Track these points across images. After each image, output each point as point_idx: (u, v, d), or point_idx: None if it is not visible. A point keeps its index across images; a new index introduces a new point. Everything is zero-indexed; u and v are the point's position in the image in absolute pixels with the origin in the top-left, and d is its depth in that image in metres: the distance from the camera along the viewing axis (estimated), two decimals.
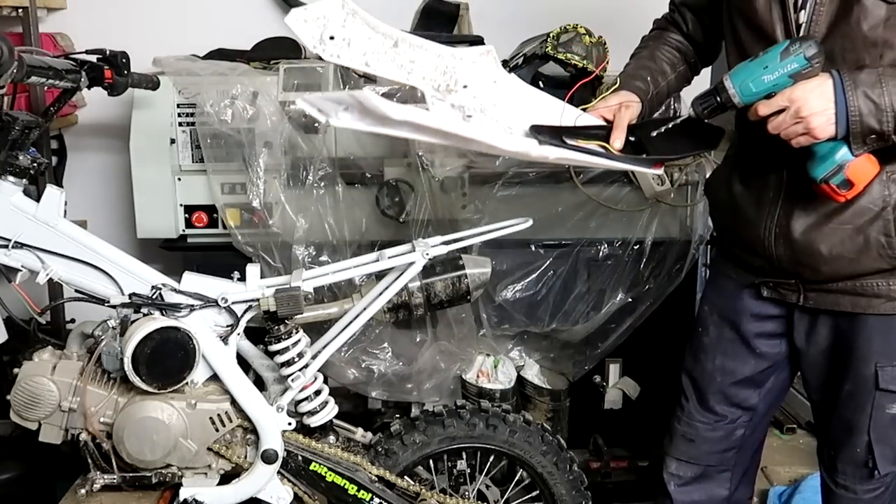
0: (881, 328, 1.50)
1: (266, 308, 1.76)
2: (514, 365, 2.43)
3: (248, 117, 2.18)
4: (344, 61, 1.38)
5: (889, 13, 1.31)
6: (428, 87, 1.44)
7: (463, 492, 2.02)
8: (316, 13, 1.34)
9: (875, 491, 1.61)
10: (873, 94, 1.28)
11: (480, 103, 1.48)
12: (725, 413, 1.74)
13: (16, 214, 1.68)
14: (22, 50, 1.55)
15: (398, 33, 1.40)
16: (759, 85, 1.34)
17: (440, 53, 1.43)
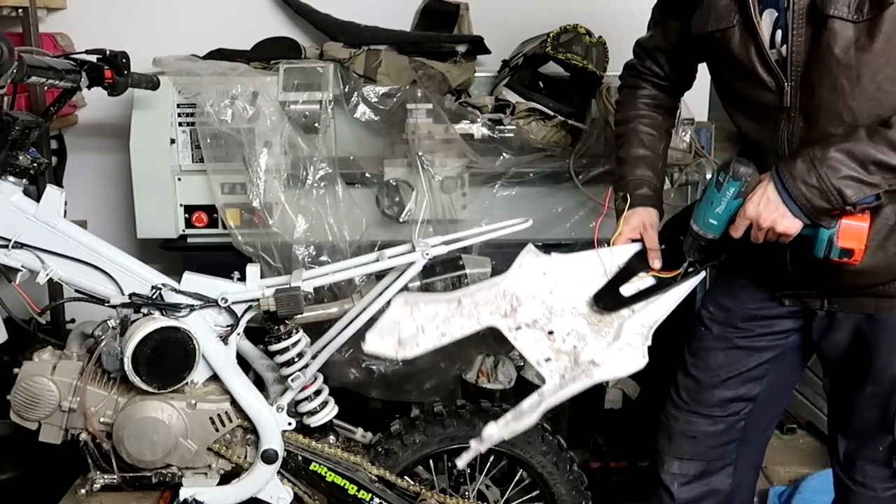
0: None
1: (266, 308, 1.76)
2: (514, 365, 2.43)
3: (248, 117, 2.19)
4: (424, 347, 1.53)
5: (857, 33, 1.32)
6: (499, 320, 1.55)
7: (463, 492, 2.02)
8: (387, 325, 1.51)
9: (894, 489, 1.61)
10: (811, 181, 1.34)
11: (543, 302, 1.57)
12: (727, 407, 1.73)
13: (16, 214, 1.68)
14: (22, 50, 1.56)
15: (456, 293, 1.56)
16: (717, 217, 1.46)
17: (494, 283, 1.57)
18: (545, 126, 2.36)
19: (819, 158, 1.34)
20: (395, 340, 1.52)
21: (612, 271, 1.61)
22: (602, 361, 1.54)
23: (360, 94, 2.30)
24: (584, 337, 1.58)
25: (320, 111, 2.22)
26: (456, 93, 2.44)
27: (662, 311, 1.58)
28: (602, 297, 1.58)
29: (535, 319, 1.57)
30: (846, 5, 1.31)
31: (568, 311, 1.58)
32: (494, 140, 2.29)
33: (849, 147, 1.33)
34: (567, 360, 1.57)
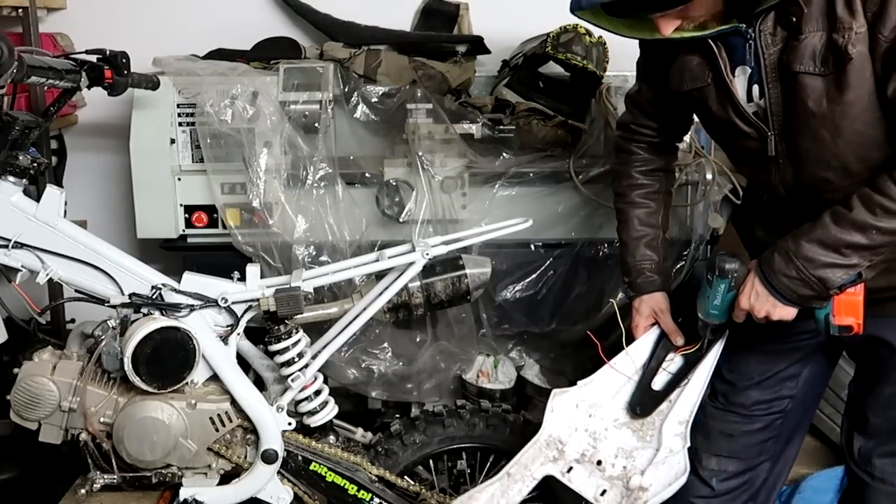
0: None
1: (266, 308, 1.76)
2: (514, 365, 2.43)
3: (248, 117, 2.18)
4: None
5: (826, 86, 1.34)
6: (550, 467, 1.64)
7: (463, 492, 2.01)
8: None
9: None
10: (792, 273, 1.40)
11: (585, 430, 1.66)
12: (762, 408, 1.73)
13: (16, 214, 1.68)
14: (22, 50, 1.56)
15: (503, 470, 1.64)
16: (717, 308, 1.56)
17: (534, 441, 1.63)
18: (545, 126, 2.36)
19: (794, 251, 1.40)
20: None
21: (638, 371, 1.69)
22: (649, 484, 1.62)
23: (360, 94, 2.30)
24: (631, 452, 1.65)
25: (320, 111, 2.22)
26: (456, 93, 2.44)
27: (695, 395, 1.65)
28: (637, 402, 1.67)
29: (582, 453, 1.65)
30: (812, 60, 1.34)
31: (611, 428, 1.65)
32: (494, 140, 2.29)
33: (818, 236, 1.38)
34: (621, 485, 1.64)
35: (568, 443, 1.64)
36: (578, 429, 1.65)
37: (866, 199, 1.33)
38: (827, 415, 2.69)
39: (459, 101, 2.39)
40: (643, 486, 1.62)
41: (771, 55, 1.39)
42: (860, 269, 1.38)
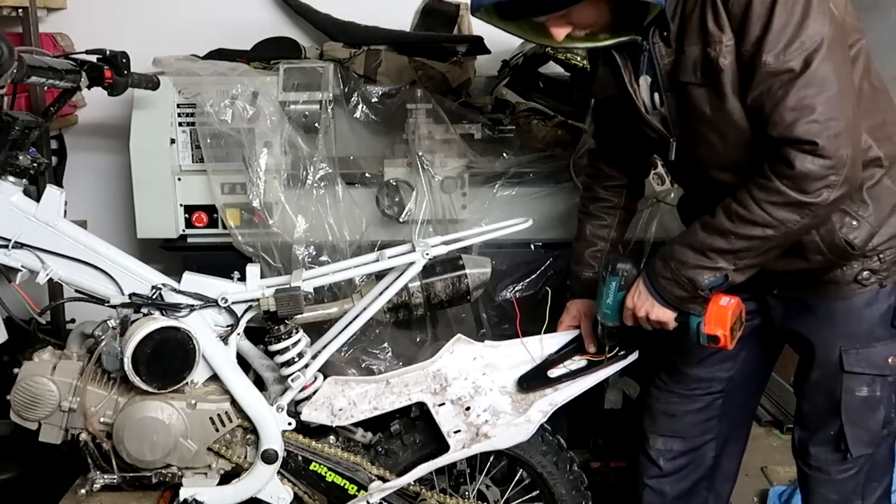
0: (842, 310, 1.57)
1: (266, 308, 1.76)
2: None
3: (248, 117, 2.18)
4: (357, 417, 1.77)
5: (708, 95, 1.44)
6: (428, 397, 1.78)
7: (463, 492, 2.02)
8: (319, 399, 1.77)
9: (848, 471, 1.66)
10: (667, 274, 1.53)
11: (472, 382, 1.80)
12: (702, 387, 1.81)
13: (16, 214, 1.68)
14: (22, 50, 1.55)
15: (384, 375, 1.78)
16: (609, 308, 1.67)
17: (423, 367, 1.77)
18: (545, 126, 2.36)
19: (669, 255, 1.52)
20: (328, 412, 1.75)
21: (542, 357, 1.83)
22: (494, 436, 1.77)
23: (360, 94, 2.30)
24: (500, 413, 1.79)
25: (320, 111, 2.22)
26: (456, 93, 2.44)
27: (577, 391, 1.80)
28: (528, 380, 1.80)
29: (459, 397, 1.79)
30: (693, 71, 1.44)
31: (496, 391, 1.80)
32: (494, 140, 2.29)
33: (689, 241, 1.50)
34: (474, 431, 1.78)
35: (452, 385, 1.78)
36: (468, 378, 1.79)
37: (727, 208, 1.44)
38: None
39: (459, 101, 2.39)
40: (488, 436, 1.77)
41: (665, 65, 1.49)
42: (726, 271, 1.47)
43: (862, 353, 1.57)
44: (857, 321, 1.57)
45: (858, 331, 1.57)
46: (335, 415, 1.74)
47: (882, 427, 1.63)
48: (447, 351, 1.79)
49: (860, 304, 1.56)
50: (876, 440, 1.64)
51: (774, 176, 1.37)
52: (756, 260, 1.47)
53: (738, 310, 1.55)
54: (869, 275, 1.53)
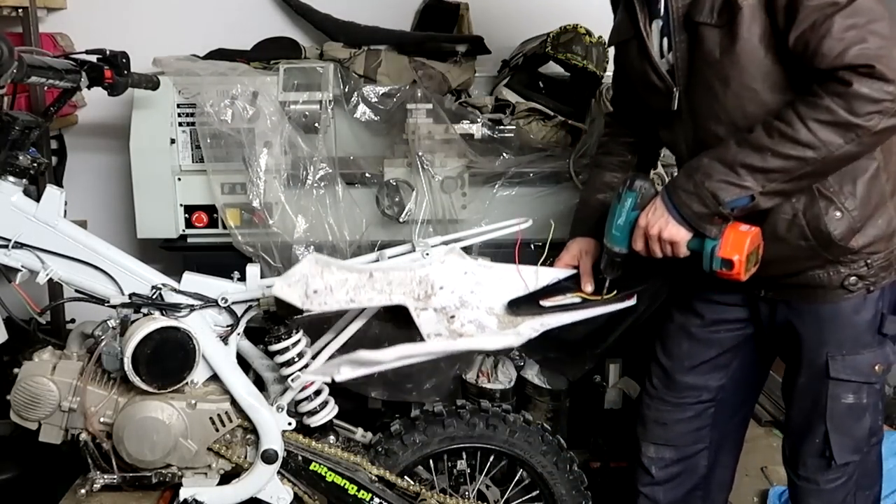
0: (829, 316, 1.56)
1: (266, 308, 1.75)
2: (514, 365, 2.43)
3: (248, 117, 2.18)
4: (331, 306, 1.56)
5: (721, 37, 1.42)
6: (409, 300, 1.63)
7: (463, 492, 2.02)
8: (295, 276, 1.51)
9: (836, 481, 1.64)
10: (689, 187, 1.45)
11: (459, 296, 1.68)
12: (693, 396, 1.79)
13: (16, 214, 1.67)
14: (22, 50, 1.55)
15: (369, 266, 1.63)
16: (620, 229, 1.57)
17: (411, 268, 1.65)
18: (545, 126, 2.36)
19: (695, 167, 1.45)
20: (302, 292, 1.54)
21: (536, 287, 1.72)
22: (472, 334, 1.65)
23: (360, 94, 2.30)
24: (484, 328, 1.67)
25: (320, 111, 2.22)
26: (456, 93, 2.44)
27: (570, 319, 1.70)
28: (519, 304, 1.69)
29: (444, 307, 1.67)
30: (710, 12, 1.42)
31: (483, 310, 1.69)
32: (494, 140, 2.29)
33: (719, 154, 1.43)
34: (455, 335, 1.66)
35: (437, 294, 1.66)
36: (455, 291, 1.68)
37: (767, 124, 1.38)
38: None
39: (459, 101, 2.39)
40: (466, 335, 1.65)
41: (679, 8, 1.47)
42: (752, 192, 1.40)
43: (848, 359, 1.56)
44: (844, 327, 1.55)
45: (845, 337, 1.55)
46: (308, 297, 1.53)
47: (868, 435, 1.61)
48: (437, 259, 1.68)
49: (848, 310, 1.54)
50: (861, 447, 1.62)
51: (825, 93, 1.31)
52: (786, 186, 1.40)
53: (757, 240, 1.47)
54: (856, 280, 1.51)
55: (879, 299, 1.54)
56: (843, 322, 1.55)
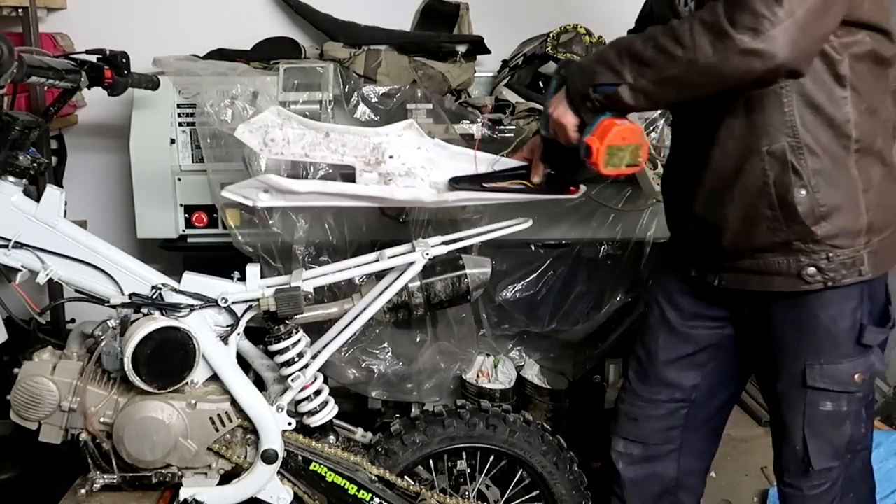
0: (807, 324, 1.53)
1: (266, 308, 1.76)
2: (514, 365, 2.43)
3: (247, 117, 2.18)
4: (287, 156, 1.68)
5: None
6: (359, 163, 1.70)
7: (463, 492, 2.02)
8: (257, 124, 1.65)
9: (819, 487, 1.61)
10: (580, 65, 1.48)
11: (408, 168, 1.72)
12: (666, 393, 1.77)
13: (16, 214, 1.67)
14: (22, 50, 1.55)
15: (327, 126, 1.69)
16: (544, 113, 1.57)
17: (367, 134, 1.68)
18: None
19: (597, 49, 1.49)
20: (261, 139, 1.65)
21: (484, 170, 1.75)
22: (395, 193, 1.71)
23: (360, 94, 2.30)
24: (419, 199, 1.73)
25: (320, 111, 2.22)
26: (456, 93, 2.44)
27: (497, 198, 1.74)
28: (460, 181, 1.73)
29: (388, 172, 1.71)
30: None
31: (427, 182, 1.73)
32: (494, 140, 2.29)
33: (617, 41, 1.45)
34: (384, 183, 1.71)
35: (387, 162, 1.70)
36: (406, 163, 1.71)
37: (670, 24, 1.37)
38: None
39: (459, 101, 2.39)
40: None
41: None
42: (622, 81, 1.39)
43: (827, 368, 1.53)
44: (822, 336, 1.53)
45: (823, 346, 1.53)
46: (266, 144, 1.63)
47: (848, 442, 1.59)
48: (396, 132, 1.70)
49: (816, 308, 1.52)
50: (842, 454, 1.59)
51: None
52: (652, 87, 1.38)
53: (629, 137, 1.45)
54: (815, 272, 1.48)
55: (858, 308, 1.51)
56: (821, 331, 1.53)
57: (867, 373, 1.55)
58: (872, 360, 1.55)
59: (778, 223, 1.48)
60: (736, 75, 1.31)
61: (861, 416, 1.59)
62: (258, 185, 1.63)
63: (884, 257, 1.51)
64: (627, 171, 1.49)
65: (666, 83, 1.37)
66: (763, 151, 1.45)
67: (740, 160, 1.48)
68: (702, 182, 1.56)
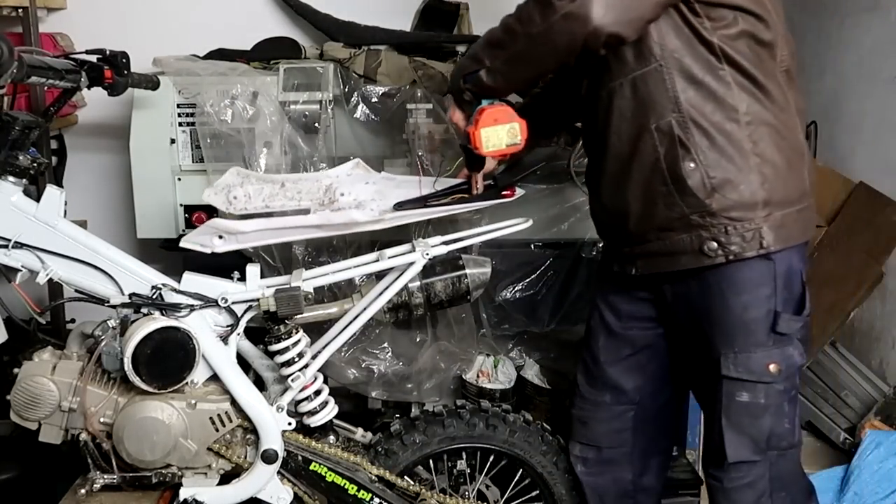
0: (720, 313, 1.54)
1: (266, 308, 1.76)
2: (514, 365, 2.43)
3: (248, 117, 2.18)
4: (251, 210, 1.79)
5: None
6: (314, 205, 1.81)
7: (463, 492, 2.02)
8: (220, 185, 1.79)
9: (739, 481, 1.60)
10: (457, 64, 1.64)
11: (359, 202, 1.81)
12: (611, 396, 1.80)
13: (16, 214, 1.67)
14: (22, 50, 1.55)
15: (281, 177, 1.82)
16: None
17: (318, 179, 1.80)
18: None
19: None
20: (225, 198, 1.78)
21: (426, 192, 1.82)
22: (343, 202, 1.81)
23: (360, 94, 2.30)
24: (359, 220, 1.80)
25: (320, 111, 2.22)
26: None
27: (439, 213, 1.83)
28: (404, 204, 1.80)
29: (341, 208, 1.81)
30: None
31: (376, 212, 1.81)
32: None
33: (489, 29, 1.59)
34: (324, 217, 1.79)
35: (339, 200, 1.80)
36: (357, 197, 1.80)
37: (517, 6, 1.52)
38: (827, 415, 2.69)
39: None
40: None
41: None
42: (483, 67, 1.55)
43: (741, 357, 1.54)
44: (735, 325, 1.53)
45: (736, 335, 1.53)
46: (230, 202, 1.77)
47: (769, 437, 1.57)
48: (345, 172, 1.80)
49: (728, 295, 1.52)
50: (761, 448, 1.58)
51: None
52: (503, 66, 1.54)
53: (501, 116, 1.58)
54: (716, 247, 1.50)
55: (772, 296, 1.52)
56: (734, 318, 1.53)
57: (784, 363, 1.54)
58: (790, 351, 1.55)
59: (672, 198, 1.51)
60: (564, 41, 1.43)
61: (783, 410, 1.57)
62: (212, 231, 1.75)
63: (791, 231, 1.51)
64: (510, 151, 1.62)
65: (514, 60, 1.52)
66: (652, 129, 1.50)
67: (634, 140, 1.53)
68: (604, 170, 1.62)
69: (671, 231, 1.54)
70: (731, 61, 1.46)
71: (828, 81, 3.06)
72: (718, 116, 1.47)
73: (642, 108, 1.51)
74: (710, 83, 1.47)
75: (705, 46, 1.46)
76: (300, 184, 1.79)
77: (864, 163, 2.89)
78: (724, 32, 1.46)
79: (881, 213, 2.67)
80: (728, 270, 1.52)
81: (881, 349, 2.79)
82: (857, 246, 2.71)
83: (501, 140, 1.58)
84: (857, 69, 2.93)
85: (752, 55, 1.48)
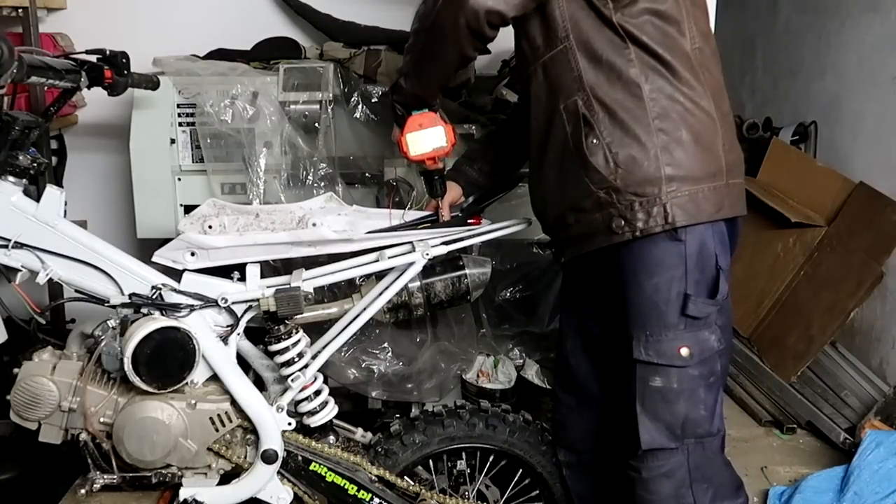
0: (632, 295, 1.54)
1: (266, 308, 1.76)
2: (514, 365, 2.43)
3: (248, 117, 2.18)
4: (225, 241, 1.79)
5: None
6: (288, 235, 1.81)
7: (463, 492, 2.02)
8: (196, 216, 1.80)
9: (657, 469, 1.58)
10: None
11: (334, 231, 1.82)
12: (578, 398, 1.81)
13: (16, 214, 1.67)
14: (22, 50, 1.55)
15: (256, 207, 1.84)
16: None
17: (292, 210, 1.83)
18: None
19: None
20: (202, 228, 1.80)
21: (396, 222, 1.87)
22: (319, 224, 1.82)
23: (360, 94, 2.30)
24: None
25: (320, 111, 2.22)
26: (456, 93, 2.43)
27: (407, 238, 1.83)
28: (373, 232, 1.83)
29: (312, 241, 1.82)
30: None
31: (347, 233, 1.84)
32: None
33: None
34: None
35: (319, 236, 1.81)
36: (330, 227, 1.80)
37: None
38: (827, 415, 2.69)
39: (459, 101, 2.39)
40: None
41: None
42: (400, 76, 1.66)
43: (652, 340, 1.53)
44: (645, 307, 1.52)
45: (648, 316, 1.53)
46: (205, 231, 1.79)
47: (684, 423, 1.55)
48: (318, 205, 1.82)
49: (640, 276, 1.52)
50: (676, 435, 1.56)
51: None
52: (414, 68, 1.63)
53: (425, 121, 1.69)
54: (623, 223, 1.50)
55: (682, 278, 1.51)
56: (645, 300, 1.52)
57: (697, 347, 1.53)
58: (705, 335, 1.54)
59: (579, 175, 1.53)
60: (449, 27, 1.49)
61: (698, 395, 1.55)
62: (184, 246, 1.77)
63: (701, 207, 1.50)
64: (436, 154, 1.71)
65: (420, 60, 1.59)
66: (561, 109, 1.53)
67: (547, 123, 1.57)
68: (532, 158, 1.67)
69: (585, 211, 1.55)
70: (635, 39, 1.49)
71: (828, 81, 3.07)
72: (621, 94, 1.49)
73: (553, 90, 1.55)
74: (614, 61, 1.49)
75: (608, 26, 1.49)
76: (274, 214, 1.82)
77: (864, 163, 2.90)
78: (626, 11, 1.48)
79: (881, 213, 2.67)
80: (637, 249, 1.52)
81: (881, 349, 2.79)
82: (857, 246, 2.71)
83: (427, 143, 1.69)
84: (857, 69, 2.93)
85: (657, 33, 1.50)
